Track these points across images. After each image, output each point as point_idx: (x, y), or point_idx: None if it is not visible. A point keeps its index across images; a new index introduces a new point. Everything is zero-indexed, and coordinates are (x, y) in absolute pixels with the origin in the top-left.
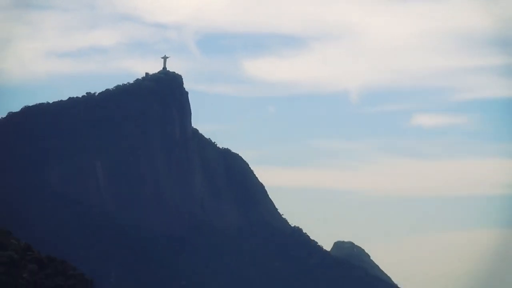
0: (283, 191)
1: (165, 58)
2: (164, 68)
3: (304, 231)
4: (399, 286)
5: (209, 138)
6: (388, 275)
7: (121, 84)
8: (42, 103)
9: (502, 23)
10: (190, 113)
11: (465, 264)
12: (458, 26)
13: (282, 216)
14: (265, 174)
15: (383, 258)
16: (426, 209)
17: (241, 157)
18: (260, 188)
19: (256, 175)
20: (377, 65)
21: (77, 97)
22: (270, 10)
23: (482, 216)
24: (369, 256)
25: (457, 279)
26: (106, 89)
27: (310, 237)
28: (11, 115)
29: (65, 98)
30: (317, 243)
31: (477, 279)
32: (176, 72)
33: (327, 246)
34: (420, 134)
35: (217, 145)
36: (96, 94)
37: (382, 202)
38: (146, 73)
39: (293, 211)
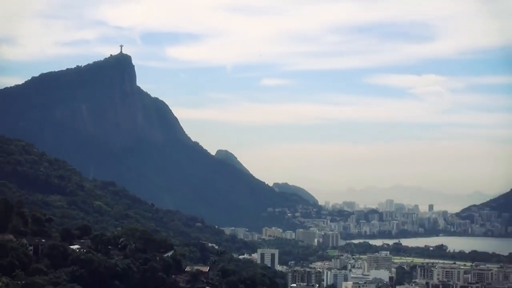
0: (188, 121)
1: (121, 46)
2: (121, 52)
3: (200, 144)
4: (253, 175)
5: (146, 91)
6: (248, 169)
7: (96, 60)
8: (51, 71)
9: (317, 24)
10: (135, 77)
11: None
12: (289, 28)
13: (188, 135)
14: (178, 112)
15: (245, 159)
16: (269, 131)
17: (165, 102)
18: (175, 120)
19: (173, 112)
20: (242, 50)
21: (71, 68)
22: (181, 18)
23: (305, 136)
24: (237, 158)
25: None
26: (87, 64)
27: (203, 147)
28: (33, 78)
29: (64, 68)
30: (207, 150)
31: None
32: (128, 54)
33: (213, 152)
34: (266, 90)
35: (151, 95)
36: (82, 66)
37: (244, 127)
38: (111, 55)
39: (193, 132)
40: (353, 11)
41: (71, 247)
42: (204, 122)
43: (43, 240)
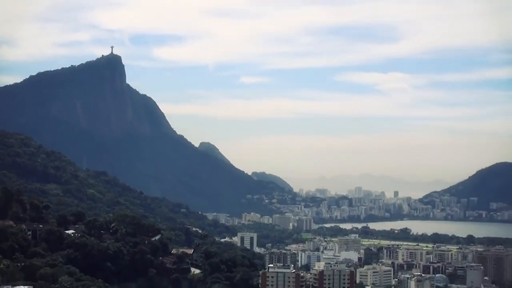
0: (174, 116)
1: (112, 47)
2: (112, 52)
3: (184, 137)
4: (233, 165)
5: (135, 89)
6: (228, 159)
7: (89, 60)
8: (48, 70)
9: (291, 27)
10: (125, 76)
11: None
12: (266, 30)
13: (173, 129)
14: (164, 107)
15: (226, 151)
16: (247, 125)
17: (152, 98)
18: (161, 114)
19: (160, 107)
20: (223, 50)
21: (66, 67)
22: (167, 22)
23: (281, 129)
24: (218, 150)
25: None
26: (81, 63)
27: (188, 140)
28: (31, 77)
29: (59, 68)
30: (191, 143)
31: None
32: (118, 54)
33: (196, 144)
34: (245, 87)
35: (139, 92)
36: (76, 66)
37: (225, 121)
38: (102, 55)
39: (179, 126)
40: (324, 15)
41: (67, 232)
42: (188, 117)
43: (41, 226)
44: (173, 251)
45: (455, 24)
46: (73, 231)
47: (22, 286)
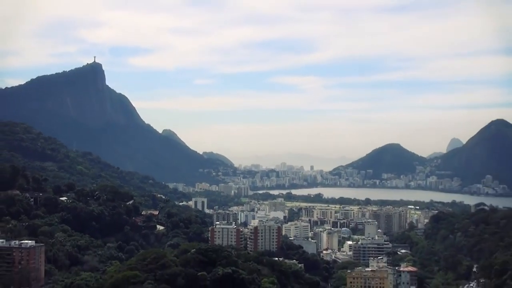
0: (143, 109)
1: (95, 57)
2: (94, 61)
3: (151, 125)
4: (189, 146)
5: (113, 89)
6: (185, 142)
7: (77, 67)
8: (45, 75)
9: (232, 41)
10: (105, 79)
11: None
12: (213, 43)
13: (143, 119)
14: (136, 103)
15: (183, 136)
16: (199, 116)
17: (126, 96)
18: (133, 108)
19: (132, 103)
20: (181, 59)
21: (59, 72)
22: (138, 37)
23: (225, 119)
24: (177, 135)
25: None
26: (70, 69)
27: (154, 128)
28: (32, 80)
29: (54, 73)
30: (156, 130)
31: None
32: (99, 62)
33: (160, 131)
34: (198, 87)
35: (116, 91)
36: (67, 71)
37: (182, 113)
38: (87, 63)
39: (147, 117)
40: (256, 32)
41: (61, 198)
42: (154, 110)
43: (41, 194)
44: (143, 212)
45: (357, 39)
46: (66, 198)
47: (26, 241)
